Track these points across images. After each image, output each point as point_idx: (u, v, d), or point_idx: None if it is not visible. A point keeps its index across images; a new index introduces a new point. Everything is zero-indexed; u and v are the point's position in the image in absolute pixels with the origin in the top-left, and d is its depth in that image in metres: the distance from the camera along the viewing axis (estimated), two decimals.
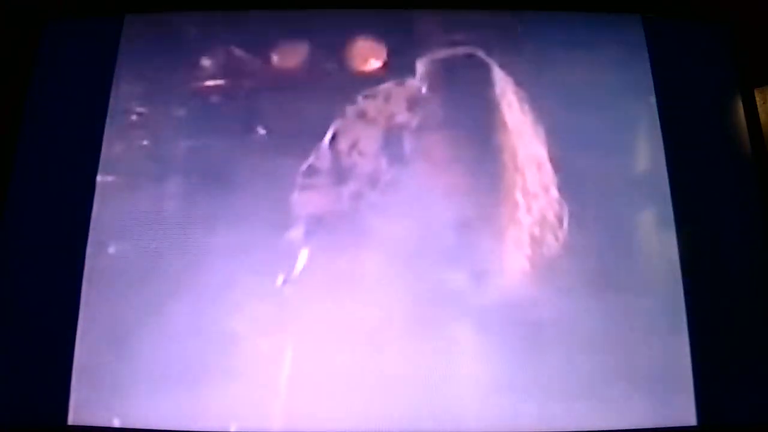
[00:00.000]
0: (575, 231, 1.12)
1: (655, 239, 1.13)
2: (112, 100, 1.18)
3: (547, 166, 1.14)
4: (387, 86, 1.18)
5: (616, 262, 1.11)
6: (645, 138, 1.18)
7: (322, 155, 1.14)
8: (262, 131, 1.16)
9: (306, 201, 1.12)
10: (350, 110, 1.16)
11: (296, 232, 1.10)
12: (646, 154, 1.18)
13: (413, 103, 1.17)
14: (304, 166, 1.13)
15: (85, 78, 1.20)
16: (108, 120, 1.17)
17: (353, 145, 1.14)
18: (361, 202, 1.12)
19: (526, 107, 1.17)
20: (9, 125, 1.18)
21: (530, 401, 1.04)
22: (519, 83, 1.19)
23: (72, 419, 1.04)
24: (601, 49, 1.23)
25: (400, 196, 1.12)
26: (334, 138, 1.14)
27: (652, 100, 1.19)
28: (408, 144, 1.15)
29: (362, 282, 1.08)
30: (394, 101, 1.16)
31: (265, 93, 1.18)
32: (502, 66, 1.20)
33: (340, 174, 1.13)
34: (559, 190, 1.14)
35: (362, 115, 1.16)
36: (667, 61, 1.22)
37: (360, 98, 1.16)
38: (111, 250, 1.10)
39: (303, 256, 1.09)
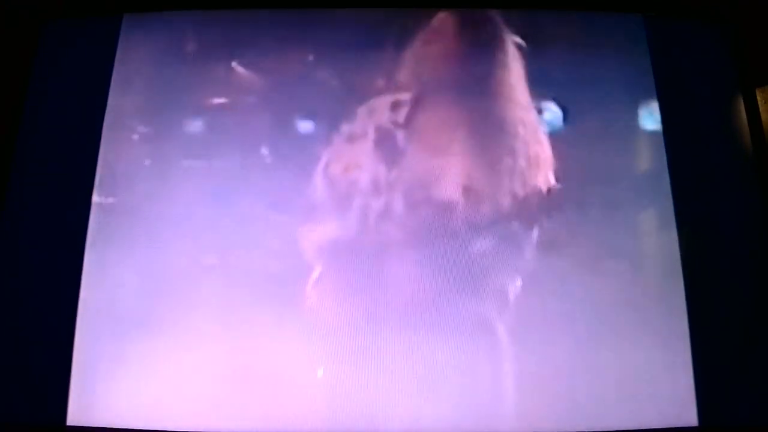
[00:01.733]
0: (575, 230, 1.11)
1: (656, 239, 1.13)
2: (110, 108, 1.17)
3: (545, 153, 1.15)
4: (369, 103, 1.16)
5: (616, 262, 1.11)
6: (646, 137, 1.18)
7: (319, 187, 1.12)
8: (265, 152, 1.15)
9: (314, 235, 1.10)
10: (337, 137, 1.15)
11: (309, 261, 1.09)
12: (647, 153, 1.17)
13: (396, 105, 1.16)
14: (303, 203, 1.12)
15: (85, 77, 1.20)
16: (108, 134, 1.16)
17: (347, 167, 1.13)
18: (370, 214, 1.11)
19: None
20: (8, 125, 1.18)
21: (530, 402, 1.04)
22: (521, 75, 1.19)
23: (71, 419, 1.04)
24: (602, 48, 1.22)
25: (405, 191, 1.12)
26: (326, 167, 1.13)
27: (654, 99, 1.19)
28: (401, 140, 1.14)
29: (384, 289, 1.08)
30: (378, 111, 1.16)
31: (269, 112, 1.17)
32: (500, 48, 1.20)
33: (341, 198, 1.12)
34: (558, 180, 1.14)
35: (350, 138, 1.15)
36: (668, 61, 1.22)
37: (343, 125, 1.15)
38: (112, 263, 1.10)
39: (315, 276, 1.08)
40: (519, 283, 1.08)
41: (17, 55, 1.22)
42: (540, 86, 1.18)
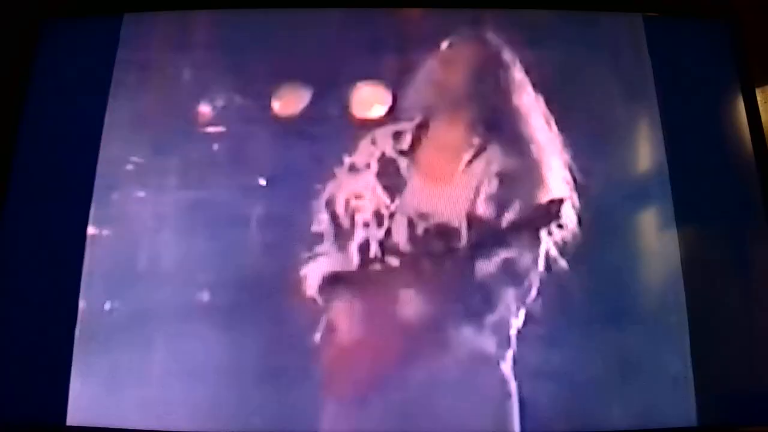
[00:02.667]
0: (576, 236, 1.11)
1: (656, 239, 1.13)
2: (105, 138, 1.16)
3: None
4: (371, 134, 1.15)
5: (616, 263, 1.11)
6: (646, 138, 1.18)
7: (321, 221, 1.11)
8: (262, 182, 1.14)
9: (316, 268, 1.09)
10: (339, 170, 1.13)
11: (310, 293, 1.08)
12: (646, 154, 1.17)
13: (399, 133, 1.15)
14: (306, 236, 1.10)
15: (85, 77, 1.20)
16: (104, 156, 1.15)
17: (349, 199, 1.12)
18: (372, 245, 1.10)
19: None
20: (8, 124, 1.18)
21: (533, 402, 1.04)
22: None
23: (71, 419, 1.04)
24: (601, 48, 1.22)
25: (408, 220, 1.11)
26: (329, 203, 1.12)
27: (654, 99, 1.19)
28: (404, 168, 1.13)
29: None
30: (381, 140, 1.15)
31: (266, 141, 1.15)
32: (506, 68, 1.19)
33: (344, 231, 1.10)
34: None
35: (352, 168, 1.13)
36: (668, 61, 1.22)
37: (345, 157, 1.14)
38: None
39: (316, 308, 1.08)
40: (522, 301, 1.08)
41: (18, 53, 1.22)
42: (539, 87, 1.18)
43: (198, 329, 1.06)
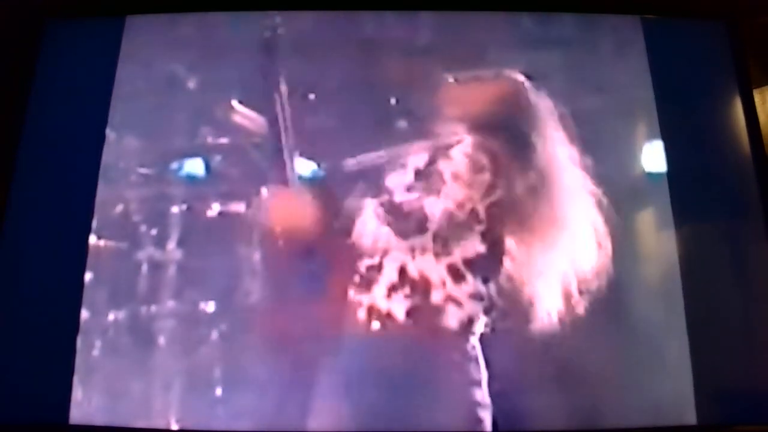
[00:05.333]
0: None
1: (654, 241, 1.14)
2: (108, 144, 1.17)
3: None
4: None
5: (615, 263, 1.11)
6: (644, 140, 1.19)
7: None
8: (266, 193, 1.14)
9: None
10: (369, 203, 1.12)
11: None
12: (644, 156, 1.18)
13: (417, 174, 1.14)
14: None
15: (87, 79, 1.20)
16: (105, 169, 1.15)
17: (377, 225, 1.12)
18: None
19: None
20: (10, 127, 1.18)
21: (533, 401, 1.05)
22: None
23: (73, 418, 1.04)
24: (599, 51, 1.23)
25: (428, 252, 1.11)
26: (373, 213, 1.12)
27: (652, 101, 1.20)
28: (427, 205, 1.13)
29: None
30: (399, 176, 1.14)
31: (272, 152, 1.15)
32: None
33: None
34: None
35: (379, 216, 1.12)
36: (666, 63, 1.22)
37: (376, 204, 1.12)
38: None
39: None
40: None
41: (20, 54, 1.22)
42: (538, 89, 1.18)
43: (202, 338, 1.07)
